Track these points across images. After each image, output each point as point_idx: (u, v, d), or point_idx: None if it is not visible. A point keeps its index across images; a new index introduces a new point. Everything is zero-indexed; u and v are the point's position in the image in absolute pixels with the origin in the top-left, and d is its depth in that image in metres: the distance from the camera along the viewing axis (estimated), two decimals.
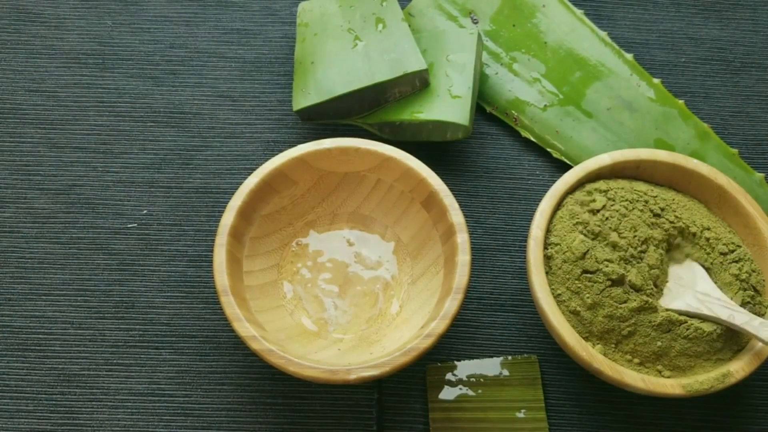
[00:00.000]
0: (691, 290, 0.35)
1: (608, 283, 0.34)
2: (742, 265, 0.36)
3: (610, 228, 0.36)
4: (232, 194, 0.42)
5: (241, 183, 0.43)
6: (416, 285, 0.38)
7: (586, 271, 0.35)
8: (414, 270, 0.39)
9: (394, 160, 0.38)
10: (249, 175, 0.43)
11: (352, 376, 0.32)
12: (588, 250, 0.35)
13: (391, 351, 0.34)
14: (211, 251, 0.41)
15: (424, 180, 0.37)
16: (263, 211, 0.38)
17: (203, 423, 0.37)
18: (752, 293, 0.36)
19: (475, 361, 0.38)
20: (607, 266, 0.35)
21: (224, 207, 0.42)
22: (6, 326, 0.39)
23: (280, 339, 0.35)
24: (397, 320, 0.37)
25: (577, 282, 0.35)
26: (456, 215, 0.36)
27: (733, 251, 0.37)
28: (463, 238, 0.36)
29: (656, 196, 0.37)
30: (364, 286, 0.39)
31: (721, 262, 0.36)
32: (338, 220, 0.40)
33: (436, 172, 0.38)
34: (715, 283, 0.36)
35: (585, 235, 0.35)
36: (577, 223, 0.36)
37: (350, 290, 0.39)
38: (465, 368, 0.37)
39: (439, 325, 0.33)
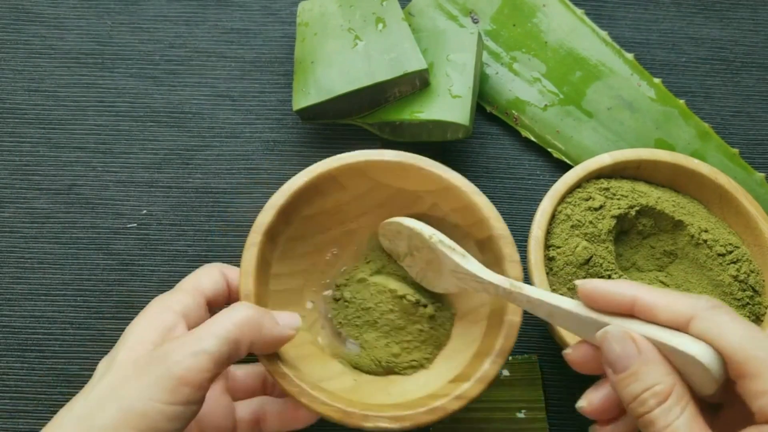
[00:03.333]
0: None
1: None
2: (741, 266, 0.36)
3: (610, 230, 0.36)
4: (232, 194, 0.42)
5: (241, 182, 0.43)
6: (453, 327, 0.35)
7: (590, 275, 0.35)
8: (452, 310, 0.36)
9: (458, 191, 0.34)
10: (249, 174, 0.43)
11: (368, 424, 0.29)
12: (591, 257, 0.35)
13: (413, 400, 0.31)
14: (211, 251, 0.41)
15: (486, 220, 0.33)
16: (305, 212, 0.35)
17: None
18: (751, 294, 0.36)
19: None
20: (610, 271, 0.35)
21: (224, 207, 0.42)
22: (6, 326, 0.39)
23: (292, 357, 0.32)
24: (413, 346, 0.35)
25: None
26: (514, 268, 0.32)
27: (731, 252, 0.36)
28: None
29: (658, 197, 0.37)
30: None
31: (719, 263, 0.36)
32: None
33: None
34: (713, 283, 0.36)
35: (587, 240, 0.35)
36: (578, 224, 0.36)
37: None
38: None
39: (473, 389, 0.30)
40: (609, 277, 0.35)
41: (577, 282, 0.26)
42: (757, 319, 0.36)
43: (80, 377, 0.38)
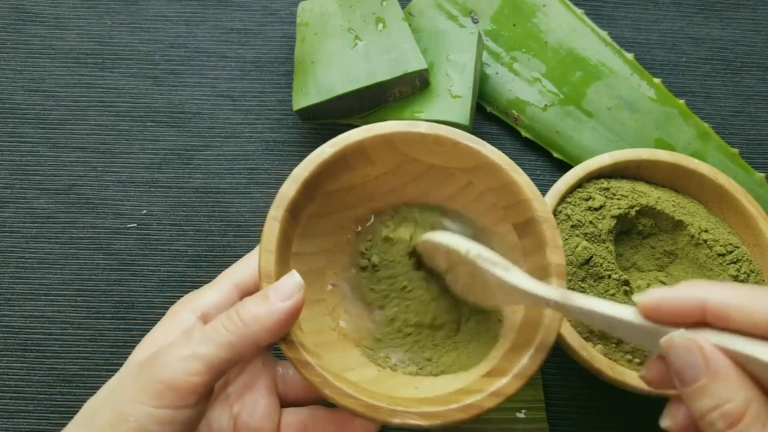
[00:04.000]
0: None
1: (612, 284, 0.34)
2: (741, 266, 0.36)
3: (610, 230, 0.36)
4: (232, 194, 0.42)
5: (241, 182, 0.43)
6: (483, 311, 0.33)
7: (590, 275, 0.35)
8: None
9: (497, 168, 0.31)
10: (249, 174, 0.43)
11: (396, 420, 0.27)
12: (591, 257, 0.35)
13: (444, 395, 0.28)
14: (211, 251, 0.41)
15: (527, 201, 0.30)
16: (329, 187, 0.32)
17: None
18: None
19: None
20: (610, 271, 0.35)
21: (224, 206, 0.42)
22: (5, 326, 0.39)
23: (313, 344, 0.29)
24: (450, 345, 0.32)
25: (581, 283, 0.35)
26: (557, 254, 0.29)
27: (731, 252, 0.36)
28: (560, 286, 0.29)
29: (658, 197, 0.37)
30: None
31: (719, 263, 0.36)
32: None
33: None
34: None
35: (588, 240, 0.35)
36: (578, 224, 0.36)
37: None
38: None
39: (511, 385, 0.27)
40: (609, 277, 0.35)
41: (636, 298, 0.23)
42: None
43: (80, 377, 0.38)
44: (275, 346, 0.30)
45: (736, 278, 0.36)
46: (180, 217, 0.42)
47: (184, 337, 0.27)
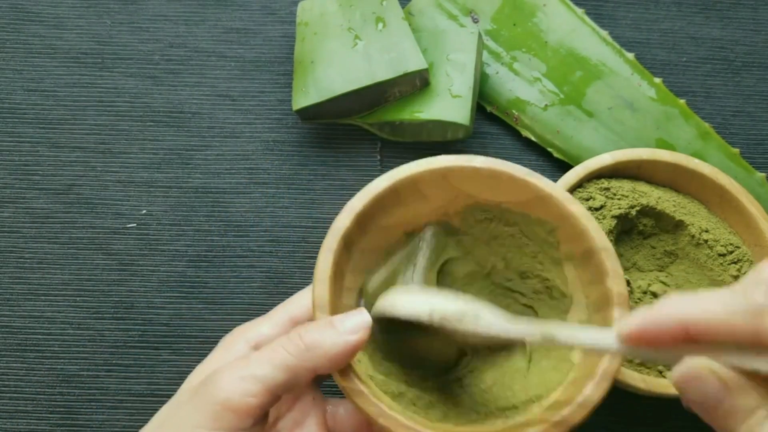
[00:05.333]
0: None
1: None
2: (741, 266, 0.36)
3: (611, 230, 0.36)
4: (232, 194, 0.42)
5: (240, 182, 0.42)
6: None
7: None
8: None
9: (552, 200, 0.30)
10: (249, 174, 0.43)
11: None
12: None
13: (505, 429, 0.27)
14: (211, 251, 0.41)
15: (584, 232, 0.30)
16: (381, 222, 0.31)
17: None
18: None
19: None
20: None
21: (224, 206, 0.42)
22: (5, 326, 0.39)
23: (364, 373, 0.29)
24: (511, 369, 0.31)
25: None
26: (619, 284, 0.28)
27: (732, 252, 0.36)
28: (622, 315, 0.28)
29: (659, 197, 0.37)
30: None
31: (720, 263, 0.36)
32: None
33: None
34: (714, 283, 0.36)
35: None
36: None
37: None
38: None
39: (575, 415, 0.26)
40: None
41: (617, 329, 0.22)
42: None
43: (79, 377, 0.38)
44: (323, 382, 0.29)
45: (736, 278, 0.36)
46: (179, 217, 0.42)
47: (244, 358, 0.26)
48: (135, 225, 0.42)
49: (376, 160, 0.43)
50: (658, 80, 0.44)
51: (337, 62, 0.42)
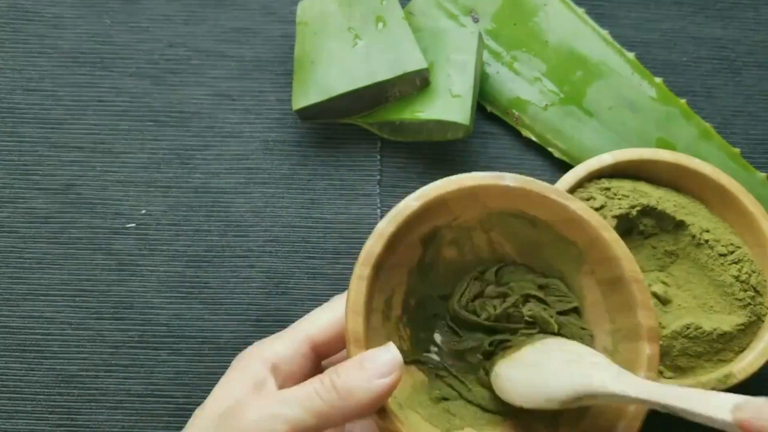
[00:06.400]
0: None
1: None
2: (742, 266, 0.36)
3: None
4: (231, 193, 0.42)
5: (240, 182, 0.42)
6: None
7: None
8: None
9: (585, 223, 0.29)
10: (248, 174, 0.43)
11: None
12: None
13: None
14: (210, 251, 0.41)
15: (616, 259, 0.29)
16: (406, 239, 0.31)
17: None
18: (753, 294, 0.35)
19: None
20: None
21: (223, 206, 0.42)
22: (4, 326, 0.39)
23: (396, 403, 0.28)
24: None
25: None
26: (649, 317, 0.28)
27: (732, 252, 0.36)
28: (653, 351, 0.27)
29: (660, 197, 0.37)
30: None
31: (721, 264, 0.36)
32: None
33: (436, 172, 0.37)
34: (715, 284, 0.36)
35: None
36: None
37: None
38: None
39: None
40: None
41: (737, 415, 0.20)
42: (759, 320, 0.36)
43: (79, 377, 0.38)
44: None
45: (737, 278, 0.35)
46: (179, 217, 0.42)
47: (268, 393, 0.26)
48: (134, 225, 0.41)
49: (376, 159, 0.43)
50: (658, 80, 0.43)
51: (337, 62, 0.41)
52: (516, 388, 0.28)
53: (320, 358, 0.30)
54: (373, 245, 0.28)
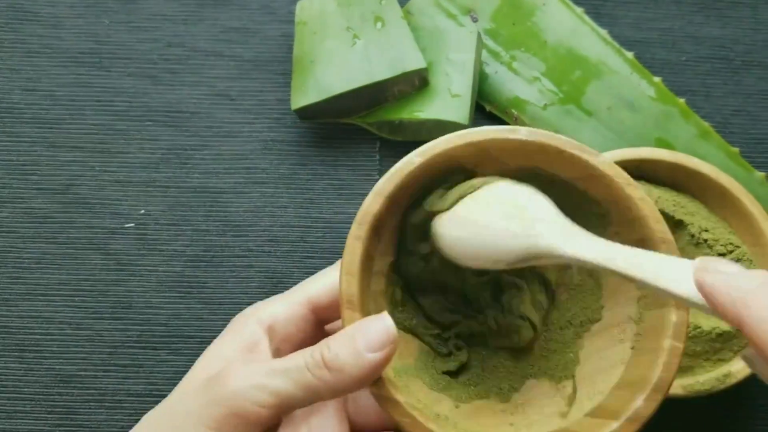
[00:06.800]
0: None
1: None
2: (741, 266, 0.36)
3: None
4: (230, 193, 0.42)
5: (239, 182, 0.42)
6: (583, 339, 0.29)
7: None
8: None
9: (607, 180, 0.27)
10: (247, 173, 0.43)
11: None
12: None
13: None
14: (209, 251, 0.41)
15: (643, 218, 0.26)
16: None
17: None
18: None
19: None
20: None
21: (222, 206, 0.42)
22: (3, 326, 0.39)
23: (392, 370, 0.26)
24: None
25: None
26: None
27: (731, 251, 0.36)
28: (680, 319, 0.25)
29: (659, 197, 0.37)
30: None
31: None
32: None
33: None
34: None
35: None
36: None
37: None
38: None
39: (623, 431, 0.24)
40: None
41: (696, 265, 0.19)
42: None
43: (78, 377, 0.38)
44: None
45: None
46: (178, 217, 0.42)
47: (257, 360, 0.25)
48: (133, 225, 0.41)
49: (376, 159, 0.43)
50: (657, 79, 0.43)
51: (336, 61, 0.41)
52: (464, 249, 0.26)
53: (322, 323, 0.29)
54: (370, 204, 0.26)
